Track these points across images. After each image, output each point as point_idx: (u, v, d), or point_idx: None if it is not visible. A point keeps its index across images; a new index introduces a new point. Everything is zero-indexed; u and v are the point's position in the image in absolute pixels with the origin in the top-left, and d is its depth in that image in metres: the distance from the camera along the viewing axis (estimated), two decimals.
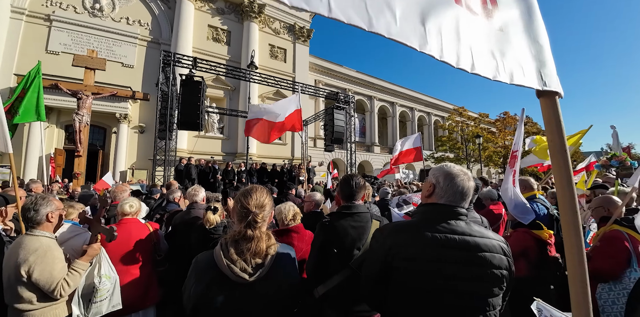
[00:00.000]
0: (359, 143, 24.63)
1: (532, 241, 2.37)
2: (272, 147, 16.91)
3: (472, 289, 1.03)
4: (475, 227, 1.10)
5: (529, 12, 0.81)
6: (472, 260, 1.04)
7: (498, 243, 1.08)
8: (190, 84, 7.69)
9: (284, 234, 1.95)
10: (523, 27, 0.79)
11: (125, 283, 1.97)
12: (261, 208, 1.08)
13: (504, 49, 0.74)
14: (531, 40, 0.79)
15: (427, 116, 30.34)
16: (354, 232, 1.57)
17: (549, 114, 0.78)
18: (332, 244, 1.55)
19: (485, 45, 0.71)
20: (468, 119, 22.90)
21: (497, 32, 0.75)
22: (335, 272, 1.56)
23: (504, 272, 1.05)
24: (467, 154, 21.48)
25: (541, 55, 0.78)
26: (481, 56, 0.69)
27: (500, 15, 0.77)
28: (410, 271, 1.07)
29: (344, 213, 1.63)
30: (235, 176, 9.50)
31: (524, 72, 0.74)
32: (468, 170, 4.80)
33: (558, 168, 0.75)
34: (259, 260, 1.01)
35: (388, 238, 1.14)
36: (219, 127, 16.52)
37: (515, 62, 0.74)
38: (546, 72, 0.77)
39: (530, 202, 2.98)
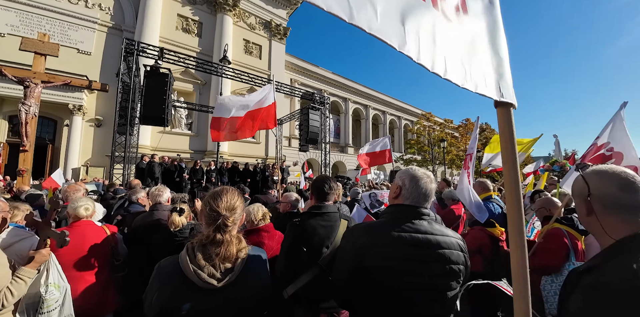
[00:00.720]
0: (334, 144, 24.93)
1: (486, 238, 2.59)
2: (244, 145, 16.47)
3: (433, 284, 1.11)
4: (436, 226, 1.19)
5: (494, 25, 0.85)
6: (433, 257, 1.12)
7: (456, 240, 1.18)
8: (155, 75, 7.21)
9: (254, 233, 1.94)
10: (488, 39, 0.83)
11: (79, 291, 1.84)
12: (232, 211, 1.05)
13: (471, 58, 0.77)
14: (493, 53, 0.83)
15: (397, 120, 31.60)
16: (323, 231, 1.61)
17: (504, 124, 0.83)
18: (302, 243, 1.57)
19: (456, 53, 0.73)
20: (434, 124, 24.27)
21: (466, 41, 0.78)
22: (304, 270, 1.59)
23: (461, 267, 1.15)
24: (432, 156, 22.77)
25: (501, 68, 0.82)
26: (453, 63, 0.71)
27: (470, 25, 0.80)
28: (379, 269, 1.12)
29: (314, 213, 1.67)
30: (204, 175, 9.10)
31: (486, 82, 0.78)
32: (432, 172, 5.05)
33: (508, 172, 0.82)
34: (229, 264, 0.98)
35: (359, 238, 1.19)
36: (187, 122, 15.72)
37: (479, 72, 0.77)
38: (504, 84, 0.81)
39: (486, 202, 3.27)
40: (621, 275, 0.75)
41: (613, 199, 0.84)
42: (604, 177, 0.86)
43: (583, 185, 0.89)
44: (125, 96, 7.89)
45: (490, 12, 0.84)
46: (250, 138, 17.60)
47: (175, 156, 9.34)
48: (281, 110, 16.61)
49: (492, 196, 3.44)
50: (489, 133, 26.54)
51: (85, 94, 12.58)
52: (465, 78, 0.72)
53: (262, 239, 1.88)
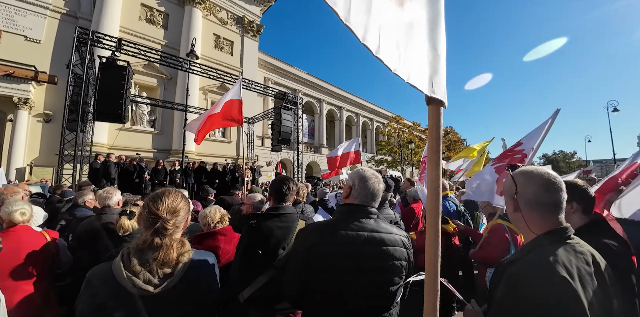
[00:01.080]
0: (308, 144, 24.94)
1: None
2: (214, 145, 15.87)
3: (377, 280, 1.17)
4: (382, 224, 1.25)
5: (436, 19, 0.81)
6: (378, 254, 1.18)
7: (400, 237, 1.25)
8: (112, 68, 6.68)
9: (210, 237, 1.89)
10: (427, 32, 0.79)
11: (16, 302, 1.72)
12: (174, 213, 1.01)
13: (408, 45, 0.72)
14: (431, 47, 0.79)
15: (370, 122, 32.46)
16: (280, 232, 1.61)
17: (432, 121, 0.82)
18: (257, 245, 1.57)
19: (392, 33, 0.68)
20: (404, 126, 25.34)
21: (406, 25, 0.73)
22: (260, 273, 1.58)
23: (404, 263, 1.22)
24: (401, 157, 23.74)
25: (436, 64, 0.79)
26: (387, 42, 0.65)
27: (412, 10, 0.75)
28: (327, 268, 1.16)
29: (272, 214, 1.67)
30: (167, 176, 8.62)
31: (419, 74, 0.75)
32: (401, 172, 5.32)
33: (431, 171, 0.81)
34: (168, 270, 0.95)
35: (309, 238, 1.22)
36: (149, 119, 14.72)
37: (413, 62, 0.73)
38: (436, 81, 0.79)
39: (443, 200, 3.50)
40: (537, 267, 0.82)
41: (536, 198, 0.92)
42: (529, 177, 0.95)
43: (512, 184, 0.98)
44: (77, 89, 7.22)
45: (434, 4, 0.81)
46: (221, 137, 17.16)
47: (134, 155, 8.72)
48: (254, 108, 16.27)
49: (449, 195, 3.69)
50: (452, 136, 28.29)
51: (33, 86, 11.28)
52: (399, 64, 0.68)
53: (218, 243, 1.83)
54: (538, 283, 0.78)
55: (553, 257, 0.81)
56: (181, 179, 8.42)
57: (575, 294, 0.75)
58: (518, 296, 0.81)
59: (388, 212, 2.39)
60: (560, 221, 0.92)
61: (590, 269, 0.83)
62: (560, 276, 0.77)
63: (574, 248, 0.86)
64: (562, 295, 0.75)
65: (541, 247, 0.87)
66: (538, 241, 0.90)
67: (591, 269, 0.83)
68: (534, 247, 0.89)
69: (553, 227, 0.91)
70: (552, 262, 0.80)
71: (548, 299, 0.76)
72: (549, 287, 0.77)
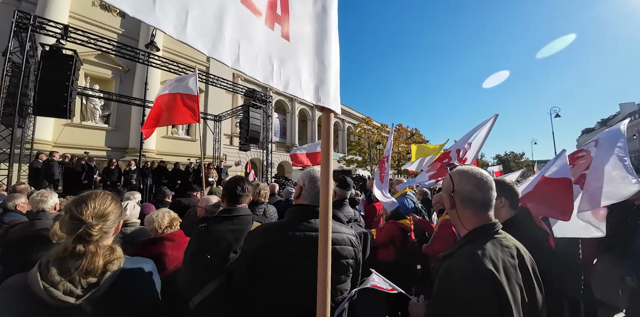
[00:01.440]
0: (280, 143, 24.64)
1: (397, 230, 2.92)
2: (177, 143, 14.99)
3: None
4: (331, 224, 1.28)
5: (323, 35, 0.86)
6: None
7: (348, 236, 1.28)
8: (56, 57, 6.02)
9: (156, 243, 1.78)
10: (313, 45, 0.84)
11: None
12: (101, 218, 0.94)
13: (285, 57, 0.76)
14: (317, 59, 0.84)
15: (341, 122, 32.98)
16: (232, 235, 1.57)
17: (324, 126, 0.90)
18: (206, 250, 1.52)
19: (261, 48, 0.70)
20: (373, 127, 26.15)
21: (281, 40, 0.76)
22: (210, 278, 1.54)
23: (350, 261, 1.26)
24: (370, 157, 24.50)
25: (323, 75, 0.85)
26: (252, 56, 0.67)
27: (291, 26, 0.79)
28: (274, 269, 1.16)
29: (223, 217, 1.62)
30: (121, 177, 7.95)
31: (302, 84, 0.80)
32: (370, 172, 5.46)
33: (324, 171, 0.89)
34: (93, 279, 0.88)
35: (257, 240, 1.22)
36: (103, 114, 13.47)
37: (294, 73, 0.78)
38: (324, 90, 0.85)
39: (402, 198, 3.71)
40: (466, 261, 0.88)
41: (469, 195, 1.00)
42: (464, 176, 1.03)
43: (449, 182, 1.05)
44: (16, 80, 6.38)
45: (321, 20, 0.86)
46: (185, 135, 16.24)
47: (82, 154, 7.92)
48: (222, 105, 15.66)
49: (407, 193, 3.90)
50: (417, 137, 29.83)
51: None
52: (272, 75, 0.72)
53: (164, 250, 1.72)
54: (467, 276, 0.84)
55: (481, 252, 0.88)
56: (138, 180, 7.82)
57: (501, 286, 0.81)
58: (450, 289, 0.86)
59: (348, 211, 2.45)
60: (490, 217, 1.00)
61: (515, 261, 0.91)
62: (487, 269, 0.83)
63: (501, 242, 0.94)
64: (489, 287, 0.82)
65: (472, 242, 0.94)
66: (469, 236, 0.97)
67: (515, 261, 0.91)
68: (465, 242, 0.96)
69: (483, 223, 0.98)
70: (480, 256, 0.86)
71: (476, 291, 0.82)
72: (477, 280, 0.83)
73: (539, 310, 0.92)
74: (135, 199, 3.48)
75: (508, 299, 0.80)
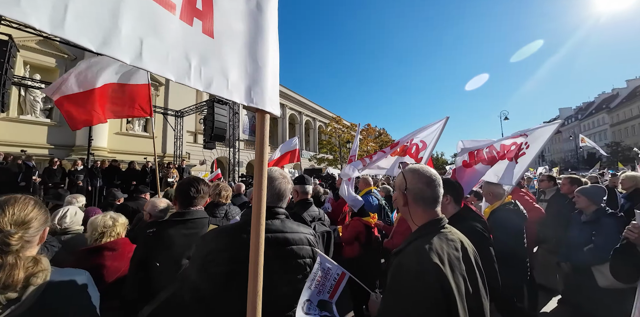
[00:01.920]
0: (249, 142, 23.93)
1: (362, 226, 2.98)
2: (132, 140, 13.74)
3: (282, 280, 1.15)
4: (288, 224, 1.24)
5: (258, 33, 0.82)
6: (280, 255, 1.16)
7: (305, 236, 1.25)
8: None
9: (94, 253, 1.58)
10: (244, 44, 0.80)
11: None
12: (22, 226, 0.83)
13: (207, 55, 0.71)
14: (250, 59, 0.80)
15: (313, 121, 33.04)
16: (184, 240, 1.46)
17: (259, 128, 0.88)
18: (155, 257, 1.39)
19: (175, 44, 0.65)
20: (343, 127, 26.60)
21: (203, 36, 0.71)
22: (161, 287, 1.41)
23: (307, 260, 1.23)
24: (341, 156, 24.91)
25: (257, 75, 0.82)
26: (161, 52, 0.61)
27: (216, 22, 0.74)
28: (226, 274, 1.09)
29: (175, 221, 1.51)
30: (66, 178, 7.10)
31: (229, 84, 0.75)
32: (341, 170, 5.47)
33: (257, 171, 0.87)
34: (13, 294, 0.77)
35: (207, 245, 1.15)
36: (44, 108, 11.97)
37: (219, 73, 0.73)
38: (257, 91, 0.81)
39: (367, 195, 3.79)
40: (414, 256, 0.91)
41: (420, 193, 1.04)
42: (416, 175, 1.07)
43: (402, 180, 1.08)
44: None
45: (255, 18, 0.83)
46: (142, 131, 14.98)
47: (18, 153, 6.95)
48: (184, 100, 14.56)
49: (372, 190, 3.99)
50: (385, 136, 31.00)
51: None
52: (189, 74, 0.66)
53: (102, 261, 1.53)
54: (415, 270, 0.87)
55: (428, 246, 0.92)
56: (85, 182, 7.03)
57: (445, 278, 0.84)
58: (399, 283, 0.89)
59: (313, 210, 2.43)
60: (437, 212, 1.05)
61: (459, 254, 0.96)
62: (433, 263, 0.86)
63: (447, 236, 0.99)
64: (434, 279, 0.85)
65: (420, 238, 0.98)
66: (419, 231, 1.01)
67: (459, 254, 0.96)
68: (414, 238, 1.00)
69: (431, 219, 1.03)
70: (427, 250, 0.90)
71: (423, 284, 0.85)
72: (423, 273, 0.86)
73: (482, 299, 0.97)
74: (79, 202, 3.10)
75: (452, 291, 0.84)
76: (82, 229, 2.31)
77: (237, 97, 0.77)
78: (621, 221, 2.33)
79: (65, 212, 2.22)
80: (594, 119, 47.17)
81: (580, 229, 2.49)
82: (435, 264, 0.86)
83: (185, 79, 0.65)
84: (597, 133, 44.69)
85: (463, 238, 1.05)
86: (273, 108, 0.87)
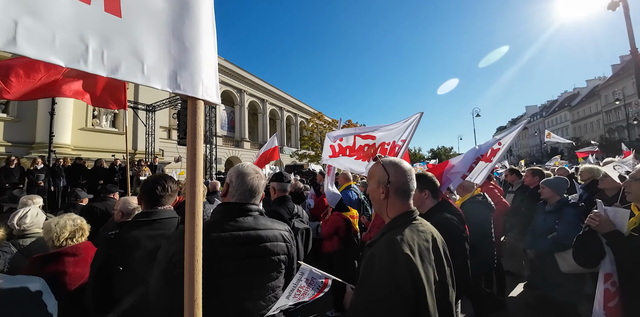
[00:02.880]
0: (227, 138, 23.27)
1: (342, 221, 3.00)
2: (99, 136, 12.77)
3: (253, 279, 1.12)
4: (261, 221, 1.20)
5: (184, 11, 0.74)
6: (253, 253, 1.13)
7: (280, 232, 1.22)
8: None
9: (52, 259, 1.45)
10: (165, 23, 0.71)
11: None
12: None
13: (112, 36, 0.63)
14: (174, 39, 0.72)
15: (294, 117, 32.74)
16: (151, 242, 1.36)
17: (190, 116, 0.79)
18: (117, 261, 1.29)
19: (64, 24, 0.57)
20: (324, 122, 26.57)
21: (105, 15, 0.63)
22: (126, 293, 1.31)
23: (282, 257, 1.20)
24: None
25: (184, 58, 0.74)
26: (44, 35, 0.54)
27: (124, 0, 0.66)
28: None
29: (140, 221, 1.41)
30: (24, 177, 6.51)
31: (145, 68, 0.67)
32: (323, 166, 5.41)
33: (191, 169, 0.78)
34: None
35: (173, 245, 1.09)
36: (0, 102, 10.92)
37: (130, 55, 0.65)
38: (184, 76, 0.74)
39: (346, 191, 3.81)
40: (386, 247, 0.92)
41: (403, 186, 1.04)
42: (399, 168, 1.06)
43: (384, 173, 1.06)
44: None
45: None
46: (110, 127, 13.97)
47: None
48: (156, 94, 13.70)
49: (352, 185, 4.01)
50: None
51: None
52: (86, 58, 0.58)
53: (63, 267, 1.41)
54: (386, 260, 0.89)
55: (400, 237, 0.93)
56: (47, 181, 6.48)
57: (415, 268, 0.87)
58: (371, 274, 0.90)
59: (290, 206, 2.40)
60: (410, 205, 1.07)
61: (429, 244, 0.98)
62: (404, 253, 0.88)
63: (417, 228, 1.01)
64: (405, 269, 0.86)
65: (393, 229, 0.99)
66: (392, 223, 1.02)
67: (429, 244, 0.98)
68: (387, 230, 1.01)
69: (404, 211, 1.04)
70: (399, 241, 0.91)
71: (393, 273, 0.86)
72: (394, 263, 0.87)
73: (449, 288, 1.01)
74: (35, 204, 2.84)
75: (422, 280, 0.86)
76: (42, 232, 2.14)
77: (158, 83, 0.69)
78: (582, 210, 2.50)
79: (26, 212, 2.06)
80: (557, 116, 50.64)
81: (544, 219, 2.64)
82: (406, 254, 0.88)
83: (81, 64, 0.57)
84: (559, 129, 48.01)
85: (433, 229, 1.07)
86: (209, 95, 0.79)
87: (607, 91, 36.80)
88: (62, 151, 10.61)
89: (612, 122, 36.40)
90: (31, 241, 1.97)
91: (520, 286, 3.58)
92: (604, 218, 1.58)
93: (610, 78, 37.73)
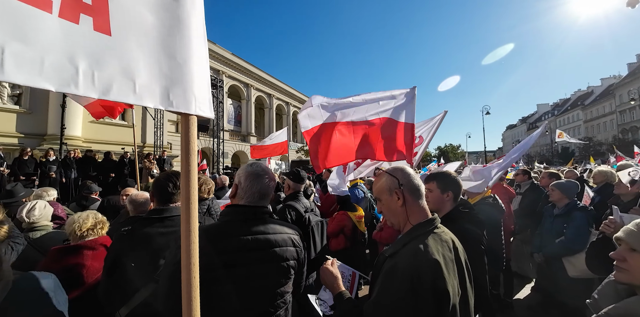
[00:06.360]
0: (234, 132, 23.34)
1: (348, 220, 3.00)
2: (109, 129, 12.96)
3: (262, 285, 1.10)
4: (271, 225, 1.17)
5: (175, 26, 0.72)
6: (262, 258, 1.10)
7: (289, 236, 1.19)
8: None
9: (72, 252, 1.49)
10: (156, 38, 0.69)
11: None
12: None
13: (102, 56, 0.61)
14: (165, 56, 0.71)
15: None
16: (162, 239, 1.38)
17: (183, 132, 0.78)
18: (129, 257, 1.31)
19: (53, 48, 0.56)
20: None
21: (95, 34, 0.61)
22: (138, 288, 1.35)
23: (292, 262, 1.17)
24: None
25: (176, 74, 0.72)
26: (32, 59, 0.52)
27: (113, 16, 0.64)
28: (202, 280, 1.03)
29: (152, 219, 1.42)
30: (37, 169, 6.67)
31: (137, 87, 0.65)
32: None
33: (185, 178, 0.77)
34: None
35: (179, 248, 1.05)
36: (12, 94, 11.09)
37: (121, 75, 0.64)
38: (177, 92, 0.72)
39: (353, 189, 3.81)
40: (412, 256, 0.88)
41: (414, 185, 1.02)
42: (406, 173, 1.04)
43: (392, 179, 1.03)
44: None
45: (169, 9, 0.72)
46: (119, 120, 14.16)
47: None
48: None
49: (358, 183, 4.00)
50: None
51: None
52: (76, 81, 0.56)
53: (82, 260, 1.45)
54: (411, 273, 0.85)
55: (424, 248, 0.89)
56: (58, 173, 6.63)
57: (444, 282, 0.84)
58: (393, 288, 0.86)
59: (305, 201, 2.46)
60: (426, 210, 1.03)
61: (452, 255, 0.95)
62: (433, 259, 0.85)
63: (440, 237, 0.97)
64: (433, 282, 0.83)
65: (415, 239, 0.94)
66: (413, 232, 0.98)
67: (452, 255, 0.95)
68: (409, 240, 0.96)
69: (424, 218, 1.00)
70: (424, 252, 0.88)
71: (420, 286, 0.83)
72: (421, 276, 0.84)
73: (469, 299, 0.97)
74: (49, 196, 2.92)
75: (449, 294, 0.83)
76: (51, 225, 2.19)
77: (150, 102, 0.67)
78: (591, 215, 2.45)
79: (34, 204, 2.11)
80: (569, 115, 49.36)
81: (552, 222, 2.60)
82: (435, 260, 0.85)
83: (71, 87, 0.55)
84: (571, 128, 46.86)
85: (454, 238, 1.04)
86: (202, 110, 0.77)
87: (622, 90, 35.66)
88: (73, 143, 10.82)
89: (626, 122, 35.35)
90: (41, 233, 2.03)
91: (527, 288, 3.56)
92: (619, 225, 1.54)
93: (626, 77, 36.52)
